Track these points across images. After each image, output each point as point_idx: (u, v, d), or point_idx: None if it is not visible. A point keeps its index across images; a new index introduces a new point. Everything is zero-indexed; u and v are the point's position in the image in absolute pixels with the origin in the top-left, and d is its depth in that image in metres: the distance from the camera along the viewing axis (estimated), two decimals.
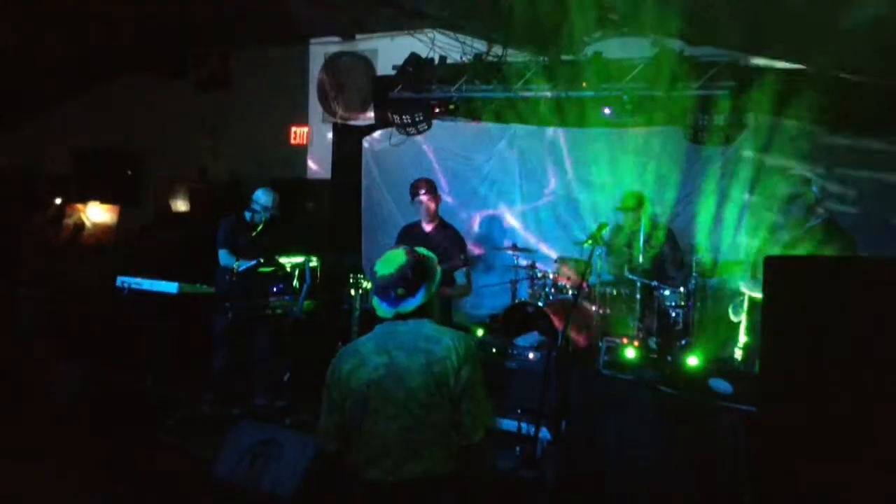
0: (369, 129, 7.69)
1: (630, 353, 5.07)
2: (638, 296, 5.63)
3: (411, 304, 2.49)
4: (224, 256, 5.27)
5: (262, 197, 5.35)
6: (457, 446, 2.38)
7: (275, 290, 5.23)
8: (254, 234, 5.35)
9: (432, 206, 4.77)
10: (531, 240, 7.09)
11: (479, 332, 5.81)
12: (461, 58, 6.82)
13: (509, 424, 4.84)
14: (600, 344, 5.17)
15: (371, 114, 7.58)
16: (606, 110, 6.36)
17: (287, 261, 5.22)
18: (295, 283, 5.05)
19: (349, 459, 2.38)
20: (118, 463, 4.16)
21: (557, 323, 5.18)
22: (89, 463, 4.20)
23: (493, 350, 5.28)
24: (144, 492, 3.94)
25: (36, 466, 4.18)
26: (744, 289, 4.87)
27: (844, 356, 2.25)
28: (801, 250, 3.92)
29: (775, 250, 4.31)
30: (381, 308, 2.49)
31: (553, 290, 6.02)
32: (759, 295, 4.39)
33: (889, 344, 2.18)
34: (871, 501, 2.20)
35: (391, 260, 2.50)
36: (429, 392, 2.32)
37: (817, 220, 3.92)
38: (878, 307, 2.22)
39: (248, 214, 5.39)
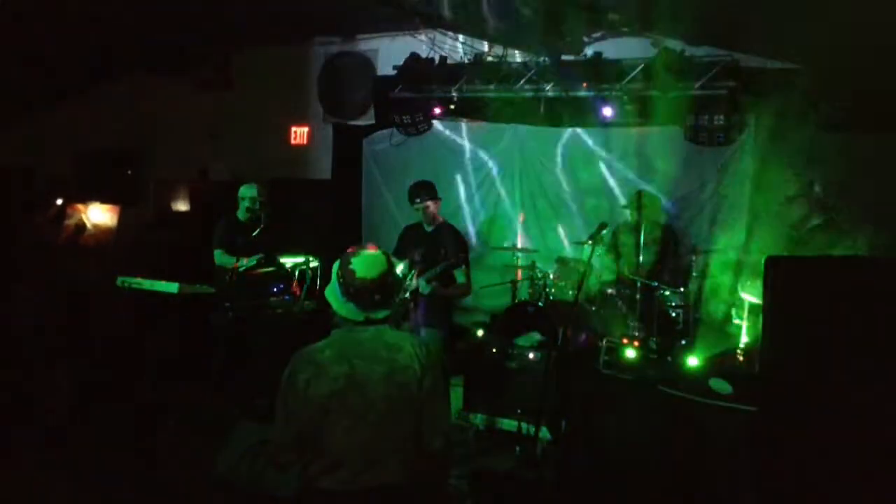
0: (369, 129, 7.69)
1: (630, 353, 5.07)
2: (638, 296, 5.63)
3: (384, 311, 2.40)
4: (219, 257, 5.27)
5: (246, 191, 5.36)
6: (415, 455, 2.30)
7: (275, 290, 5.23)
8: (254, 234, 5.35)
9: (430, 210, 4.76)
10: (531, 240, 7.09)
11: (479, 332, 5.81)
12: (461, 58, 6.83)
13: (509, 424, 4.85)
14: (600, 344, 5.17)
15: (371, 114, 7.58)
16: (606, 110, 6.37)
17: (287, 261, 5.21)
18: (295, 283, 5.05)
19: (305, 469, 2.29)
20: (118, 463, 4.15)
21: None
22: (89, 463, 4.20)
23: (493, 350, 5.28)
24: (144, 492, 3.93)
25: (35, 467, 4.17)
26: (743, 294, 4.86)
27: (844, 356, 2.24)
28: (802, 251, 3.92)
29: (776, 251, 4.31)
30: (350, 310, 2.36)
31: (553, 290, 6.02)
32: (758, 300, 4.40)
33: (889, 344, 2.18)
34: (871, 500, 2.20)
35: (373, 263, 2.37)
36: (389, 402, 2.25)
37: (819, 221, 3.92)
38: (878, 307, 2.22)
39: (243, 214, 5.40)
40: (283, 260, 5.26)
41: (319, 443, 2.24)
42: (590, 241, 5.17)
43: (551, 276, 6.07)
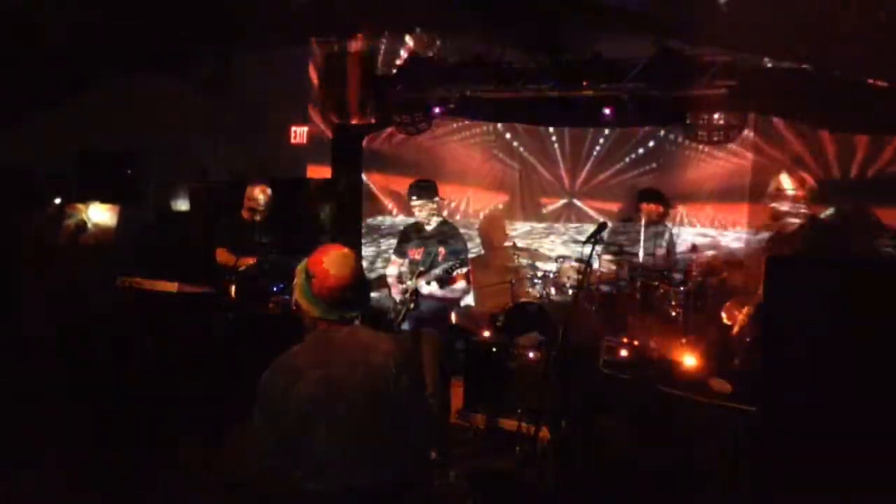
0: (369, 129, 7.70)
1: (630, 353, 5.07)
2: (638, 295, 5.64)
3: (357, 309, 2.41)
4: (220, 255, 5.27)
5: (255, 193, 5.37)
6: (400, 453, 2.31)
7: (275, 290, 5.23)
8: (254, 233, 5.35)
9: (429, 209, 4.76)
10: (531, 239, 7.10)
11: (486, 333, 5.80)
12: (461, 58, 6.83)
13: (509, 425, 4.85)
14: (600, 344, 5.17)
15: (371, 114, 7.59)
16: (606, 110, 6.37)
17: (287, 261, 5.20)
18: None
19: (288, 473, 2.28)
20: (118, 464, 4.16)
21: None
22: (89, 464, 4.20)
23: (494, 350, 5.28)
24: (144, 492, 3.94)
25: (35, 467, 4.17)
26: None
27: (844, 356, 2.25)
28: (792, 250, 3.94)
29: (771, 251, 4.32)
30: (323, 309, 2.37)
31: (553, 289, 6.03)
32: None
33: (888, 344, 2.18)
34: (870, 500, 2.21)
35: (344, 261, 2.38)
36: (368, 402, 2.25)
37: (807, 221, 3.95)
38: (877, 307, 2.22)
39: (246, 213, 5.40)
40: (282, 260, 5.26)
41: (302, 447, 2.24)
42: (590, 241, 5.16)
43: (551, 276, 6.08)
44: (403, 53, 7.06)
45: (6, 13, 6.16)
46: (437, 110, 7.10)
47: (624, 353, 5.06)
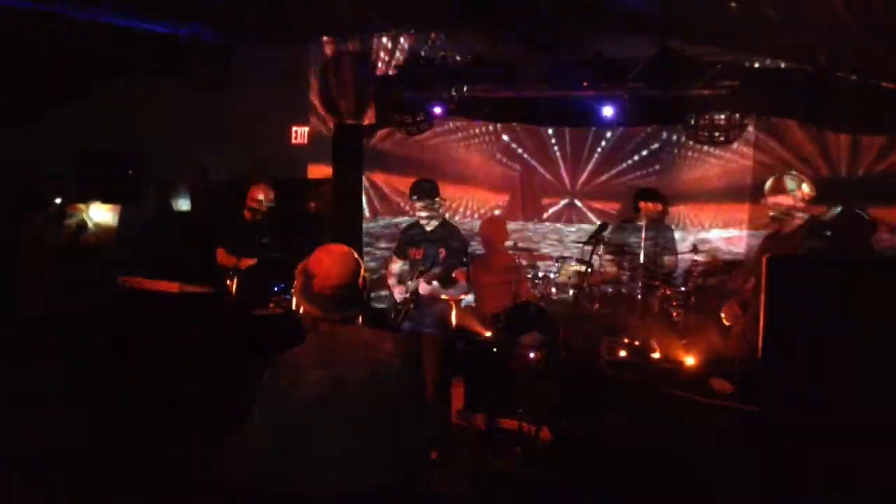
0: (369, 129, 7.70)
1: (630, 353, 5.08)
2: (638, 295, 5.64)
3: (357, 306, 2.37)
4: (220, 256, 5.28)
5: (256, 193, 5.39)
6: (401, 455, 2.28)
7: (275, 290, 5.23)
8: (255, 234, 5.36)
9: (427, 211, 4.76)
10: (532, 239, 7.10)
11: (486, 333, 5.81)
12: (461, 58, 6.83)
13: (509, 424, 4.85)
14: (600, 344, 5.18)
15: (371, 113, 7.59)
16: (607, 110, 6.38)
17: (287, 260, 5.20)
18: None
19: (288, 473, 2.23)
20: (118, 464, 4.15)
21: None
22: (88, 464, 4.20)
23: (494, 350, 5.28)
24: (144, 493, 3.93)
25: (35, 467, 4.17)
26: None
27: (844, 356, 2.25)
28: (792, 250, 3.95)
29: (768, 250, 4.33)
30: (325, 309, 2.31)
31: (554, 289, 6.03)
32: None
33: (888, 344, 2.18)
34: (870, 500, 2.21)
35: (344, 258, 2.35)
36: (372, 403, 2.22)
37: (803, 221, 3.96)
38: (877, 307, 2.22)
39: (247, 214, 5.41)
40: (283, 260, 5.26)
41: (303, 447, 2.20)
42: (591, 241, 5.17)
43: (552, 276, 6.08)
44: (404, 53, 7.05)
45: (7, 14, 6.15)
46: (437, 110, 7.10)
47: (624, 353, 5.06)
